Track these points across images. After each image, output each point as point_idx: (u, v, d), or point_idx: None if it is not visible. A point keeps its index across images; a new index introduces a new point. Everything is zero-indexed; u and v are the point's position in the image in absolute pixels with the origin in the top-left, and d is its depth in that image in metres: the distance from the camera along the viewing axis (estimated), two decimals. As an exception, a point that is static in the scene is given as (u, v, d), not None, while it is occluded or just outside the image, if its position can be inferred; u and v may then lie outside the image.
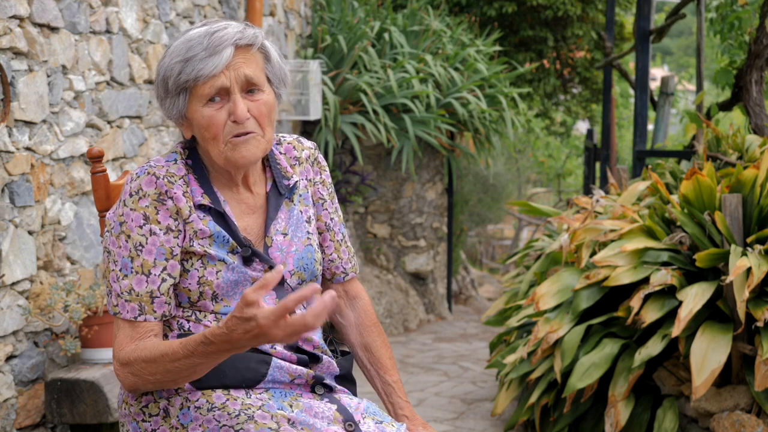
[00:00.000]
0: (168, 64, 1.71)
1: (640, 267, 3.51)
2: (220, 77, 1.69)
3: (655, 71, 23.75)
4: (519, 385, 4.03)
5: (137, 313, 1.70)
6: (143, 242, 1.71)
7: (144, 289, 1.71)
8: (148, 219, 1.71)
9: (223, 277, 1.73)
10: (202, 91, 1.70)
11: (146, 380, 1.67)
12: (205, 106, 1.71)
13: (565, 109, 10.61)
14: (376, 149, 6.98)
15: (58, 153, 3.38)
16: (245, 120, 1.71)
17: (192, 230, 1.74)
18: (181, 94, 1.72)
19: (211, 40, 1.69)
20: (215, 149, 1.73)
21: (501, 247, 14.97)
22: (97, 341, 3.33)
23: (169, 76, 1.71)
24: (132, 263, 1.71)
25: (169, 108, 1.75)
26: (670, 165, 4.92)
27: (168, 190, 1.73)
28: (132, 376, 1.67)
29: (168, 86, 1.72)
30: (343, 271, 1.97)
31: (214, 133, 1.72)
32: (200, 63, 1.68)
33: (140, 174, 1.74)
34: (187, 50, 1.69)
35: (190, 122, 1.75)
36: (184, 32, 1.74)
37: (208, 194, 1.76)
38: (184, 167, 1.77)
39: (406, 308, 6.97)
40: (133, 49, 4.00)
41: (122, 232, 1.71)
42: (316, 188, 1.92)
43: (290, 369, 1.77)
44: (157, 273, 1.71)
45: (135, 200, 1.72)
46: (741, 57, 5.29)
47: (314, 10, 7.04)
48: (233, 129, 1.72)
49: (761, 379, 3.12)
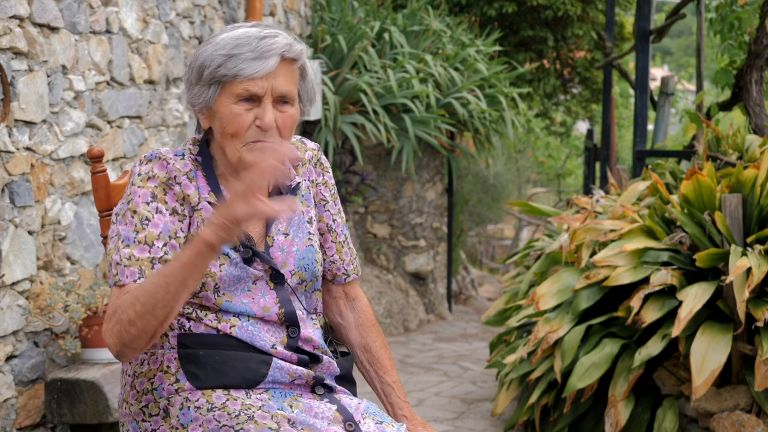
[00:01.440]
0: (210, 54, 1.73)
1: (640, 267, 3.51)
2: (258, 82, 1.72)
3: (655, 71, 23.75)
4: (519, 385, 4.03)
5: (137, 276, 1.68)
6: (149, 217, 1.71)
7: (145, 256, 1.69)
8: (155, 197, 1.73)
9: (225, 271, 1.74)
10: (236, 89, 1.72)
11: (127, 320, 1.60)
12: (235, 103, 1.73)
13: (565, 109, 10.61)
14: (376, 149, 6.98)
15: (58, 153, 3.38)
16: (270, 129, 1.73)
17: (200, 218, 1.75)
18: (213, 85, 1.74)
19: (260, 45, 1.71)
20: (232, 147, 1.74)
21: (501, 247, 14.98)
22: (97, 341, 3.33)
23: (208, 65, 1.73)
24: (136, 236, 1.70)
25: (195, 95, 1.76)
26: (670, 165, 4.92)
27: (177, 176, 1.75)
28: (115, 324, 1.62)
29: (203, 74, 1.74)
30: (344, 272, 1.97)
31: (236, 131, 1.73)
32: (244, 63, 1.70)
33: (151, 158, 1.76)
34: (234, 47, 1.71)
35: (213, 114, 1.76)
36: (233, 28, 1.75)
37: (214, 192, 1.77)
38: (191, 163, 1.78)
39: (406, 308, 6.97)
40: (133, 49, 4.00)
41: (129, 209, 1.72)
42: (318, 189, 1.93)
43: (290, 369, 1.77)
44: (159, 245, 1.71)
45: (144, 179, 1.74)
46: (741, 57, 5.29)
47: (314, 10, 7.04)
48: (255, 134, 1.73)
49: (761, 379, 3.12)
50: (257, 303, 1.77)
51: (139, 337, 1.62)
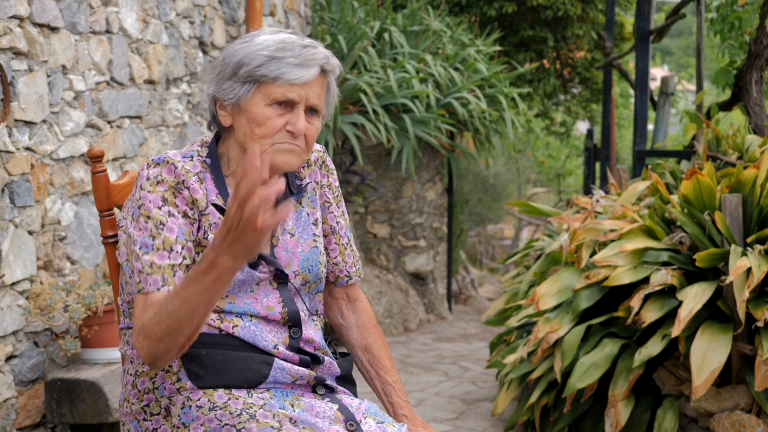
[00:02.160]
0: (251, 52, 1.73)
1: (640, 267, 3.51)
2: (296, 89, 1.73)
3: (655, 71, 23.76)
4: (519, 385, 4.03)
5: (160, 284, 1.68)
6: (164, 221, 1.70)
7: (166, 263, 1.69)
8: (166, 201, 1.72)
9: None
10: (273, 92, 1.73)
11: (155, 336, 1.60)
12: (269, 105, 1.73)
13: (565, 109, 10.62)
14: (376, 149, 6.98)
15: (58, 153, 3.38)
16: (300, 135, 1.75)
17: (208, 222, 1.74)
18: (248, 83, 1.74)
19: (304, 53, 1.73)
20: (258, 147, 1.73)
21: (501, 247, 14.98)
22: (97, 341, 3.33)
23: (248, 63, 1.73)
24: (153, 241, 1.69)
25: (226, 89, 1.76)
26: (670, 165, 4.92)
27: (185, 180, 1.74)
28: (145, 340, 1.62)
29: (240, 71, 1.74)
30: (347, 274, 1.98)
31: (266, 133, 1.73)
32: (287, 67, 1.72)
33: (159, 162, 1.74)
34: (279, 50, 1.72)
35: (241, 112, 1.76)
36: (274, 31, 1.77)
37: (221, 194, 1.77)
38: (200, 164, 1.78)
39: (406, 308, 6.97)
40: (133, 49, 4.00)
41: (141, 214, 1.71)
42: (323, 191, 1.93)
43: (292, 370, 1.77)
44: (178, 250, 1.70)
45: (153, 183, 1.72)
46: (741, 57, 5.29)
47: (314, 10, 7.04)
48: (285, 138, 1.74)
49: (761, 379, 3.12)
50: (260, 302, 1.78)
51: (169, 350, 1.63)
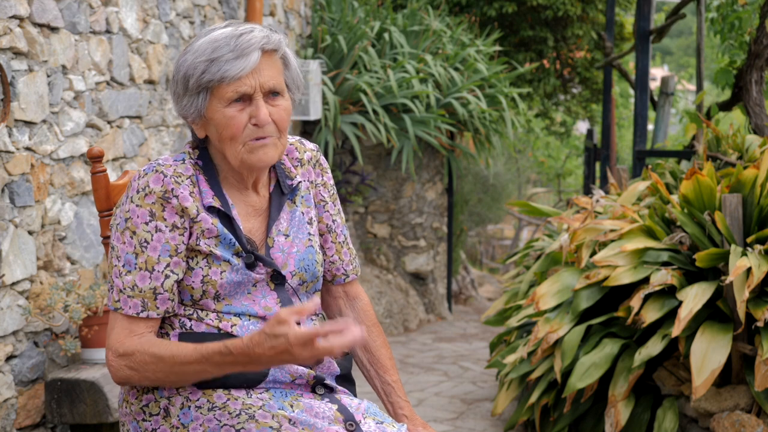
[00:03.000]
0: (191, 63, 1.71)
1: (640, 267, 3.51)
2: (245, 80, 1.70)
3: (655, 71, 23.75)
4: (519, 385, 4.03)
5: (140, 309, 1.71)
6: (148, 239, 1.71)
7: (147, 286, 1.71)
8: (154, 216, 1.72)
9: (227, 278, 1.74)
10: (225, 92, 1.71)
11: (144, 376, 1.67)
12: (227, 106, 1.72)
13: (565, 109, 10.61)
14: (376, 149, 6.98)
15: (58, 153, 3.38)
16: (266, 124, 1.73)
17: (200, 229, 1.74)
18: (201, 93, 1.72)
19: (238, 42, 1.69)
20: (232, 150, 1.73)
21: (501, 247, 14.97)
22: (97, 341, 3.33)
23: (192, 74, 1.71)
24: (136, 259, 1.71)
25: (186, 106, 1.75)
26: (670, 165, 4.92)
27: (174, 188, 1.73)
28: (128, 369, 1.68)
29: (188, 84, 1.72)
30: (344, 272, 1.97)
31: (233, 133, 1.72)
32: (226, 64, 1.69)
33: (148, 171, 1.74)
34: (213, 50, 1.69)
35: (207, 122, 1.75)
36: (208, 32, 1.74)
37: (218, 197, 1.77)
38: (192, 167, 1.77)
39: (406, 308, 6.97)
40: (133, 49, 4.00)
41: (127, 228, 1.72)
42: (318, 190, 1.93)
43: (291, 369, 1.77)
44: (160, 270, 1.72)
45: (141, 197, 1.72)
46: (741, 57, 5.29)
47: (314, 10, 7.04)
48: (253, 132, 1.73)
49: (761, 379, 3.12)
50: (258, 303, 1.78)
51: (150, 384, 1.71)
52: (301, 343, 1.52)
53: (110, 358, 1.70)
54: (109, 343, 1.71)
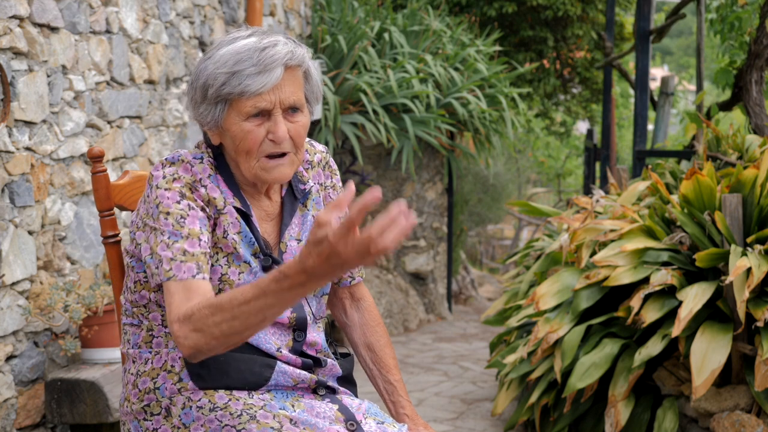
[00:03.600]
0: (212, 73, 1.68)
1: (640, 267, 3.51)
2: (266, 96, 1.68)
3: (655, 71, 23.76)
4: (519, 385, 4.03)
5: (195, 271, 1.64)
6: (184, 215, 1.67)
7: (199, 250, 1.66)
8: (184, 196, 1.69)
9: (244, 279, 1.73)
10: (244, 106, 1.68)
11: (210, 333, 1.55)
12: (245, 120, 1.69)
13: (565, 109, 10.61)
14: (376, 149, 6.98)
15: (58, 153, 3.38)
16: (284, 141, 1.71)
17: (227, 221, 1.72)
18: (219, 104, 1.70)
19: (261, 57, 1.66)
20: (246, 163, 1.72)
21: (501, 247, 14.97)
22: (97, 341, 3.33)
23: (212, 84, 1.68)
24: (181, 231, 1.66)
25: (203, 113, 1.72)
26: (670, 165, 4.92)
27: (202, 179, 1.72)
28: (194, 332, 1.56)
29: (207, 94, 1.70)
30: (350, 275, 1.98)
31: (250, 147, 1.70)
32: (248, 79, 1.66)
33: (174, 161, 1.72)
34: (235, 63, 1.66)
35: (224, 132, 1.73)
36: (231, 40, 1.70)
37: (237, 197, 1.76)
38: (209, 167, 1.76)
39: (406, 308, 6.97)
40: (133, 49, 4.00)
41: (161, 212, 1.67)
42: (327, 192, 1.92)
43: (294, 374, 1.77)
44: (204, 240, 1.67)
45: (169, 181, 1.70)
46: (741, 57, 5.29)
47: (314, 10, 7.04)
48: (269, 147, 1.71)
49: (761, 379, 3.12)
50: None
51: (219, 348, 1.58)
52: (340, 238, 1.39)
53: (175, 328, 1.58)
54: (170, 316, 1.60)
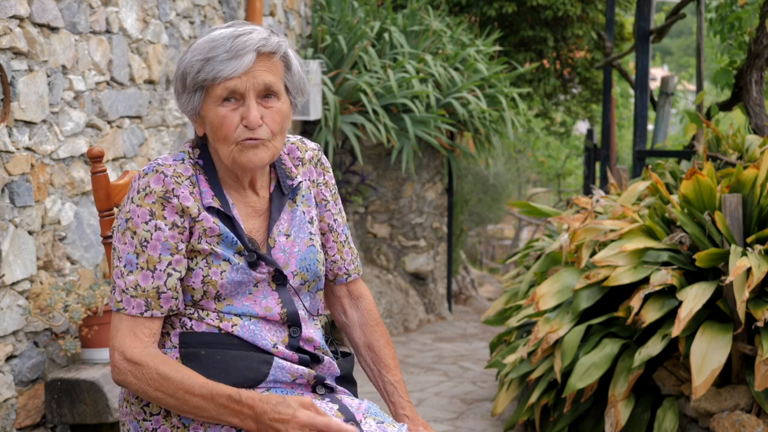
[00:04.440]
0: (189, 61, 1.73)
1: (640, 267, 3.51)
2: (236, 81, 1.71)
3: (655, 71, 23.76)
4: (519, 385, 4.03)
5: (143, 308, 1.71)
6: (148, 238, 1.71)
7: (150, 285, 1.71)
8: (153, 215, 1.72)
9: (227, 278, 1.74)
10: (216, 91, 1.72)
11: (144, 390, 1.68)
12: (219, 105, 1.73)
13: (565, 109, 10.61)
14: (376, 149, 6.98)
15: (58, 153, 3.38)
16: (257, 126, 1.73)
17: (202, 228, 1.74)
18: (197, 91, 1.75)
19: (234, 44, 1.70)
20: (224, 149, 1.75)
21: (501, 247, 14.98)
22: (97, 341, 3.33)
23: (188, 72, 1.73)
24: (137, 259, 1.71)
25: (184, 103, 1.77)
26: (670, 165, 4.92)
27: (175, 188, 1.74)
28: (132, 376, 1.68)
29: (186, 82, 1.74)
30: (345, 272, 1.97)
31: (225, 133, 1.73)
32: (220, 64, 1.71)
33: (148, 171, 1.75)
34: (210, 50, 1.71)
35: (204, 120, 1.77)
36: (209, 31, 1.76)
37: (218, 197, 1.77)
38: (192, 167, 1.78)
39: (406, 308, 6.97)
40: (133, 49, 4.00)
41: (128, 228, 1.72)
42: (319, 189, 1.93)
43: (292, 369, 1.77)
44: (162, 268, 1.72)
45: (142, 197, 1.73)
46: (741, 57, 5.29)
47: (314, 10, 7.04)
48: (244, 133, 1.73)
49: (761, 379, 3.12)
50: (259, 304, 1.77)
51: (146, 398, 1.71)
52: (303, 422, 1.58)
53: (117, 359, 1.70)
54: (114, 344, 1.71)
